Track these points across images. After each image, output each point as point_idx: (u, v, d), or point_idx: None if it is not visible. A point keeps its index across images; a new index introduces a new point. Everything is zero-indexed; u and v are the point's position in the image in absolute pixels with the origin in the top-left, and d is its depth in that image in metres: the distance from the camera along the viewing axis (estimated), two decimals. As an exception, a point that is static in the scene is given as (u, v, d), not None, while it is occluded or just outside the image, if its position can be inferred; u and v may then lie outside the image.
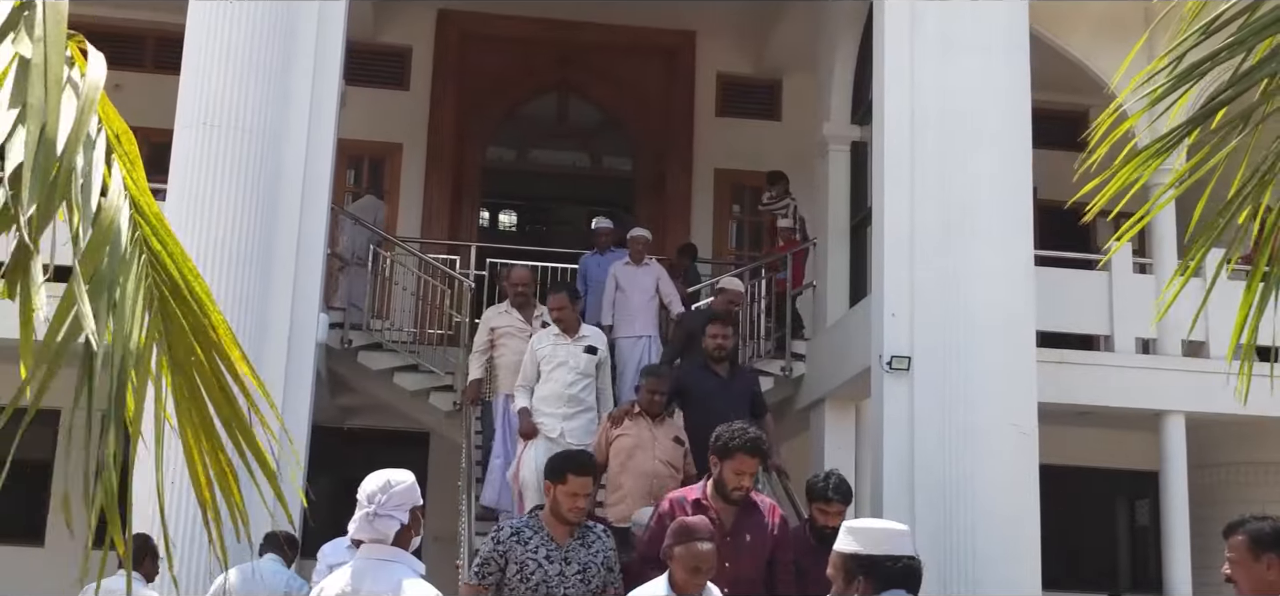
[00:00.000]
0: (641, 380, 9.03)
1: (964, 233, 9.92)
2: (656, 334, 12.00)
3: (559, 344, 9.33)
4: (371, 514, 4.26)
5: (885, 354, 10.01)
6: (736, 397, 9.02)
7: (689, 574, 5.09)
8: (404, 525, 4.24)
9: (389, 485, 4.30)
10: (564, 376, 9.23)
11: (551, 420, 9.15)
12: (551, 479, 6.18)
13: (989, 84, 10.17)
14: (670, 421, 8.87)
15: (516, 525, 6.26)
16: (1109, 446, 14.56)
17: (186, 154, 9.43)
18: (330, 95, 10.08)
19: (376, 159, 15.99)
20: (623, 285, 12.06)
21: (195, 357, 2.36)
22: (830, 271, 13.36)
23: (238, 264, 9.27)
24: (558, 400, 9.20)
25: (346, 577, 4.23)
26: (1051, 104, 13.55)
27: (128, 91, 15.06)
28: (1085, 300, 12.34)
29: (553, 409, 9.19)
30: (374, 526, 4.25)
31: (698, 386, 9.14)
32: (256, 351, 9.25)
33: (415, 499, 4.32)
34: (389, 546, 4.22)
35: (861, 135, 13.14)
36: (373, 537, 4.26)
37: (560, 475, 6.14)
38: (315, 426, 9.92)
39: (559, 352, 9.30)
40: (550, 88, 16.81)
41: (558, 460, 6.33)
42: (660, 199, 16.37)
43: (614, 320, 11.90)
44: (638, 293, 12.02)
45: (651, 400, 8.72)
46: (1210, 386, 11.48)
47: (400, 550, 4.25)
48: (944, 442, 9.64)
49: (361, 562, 4.28)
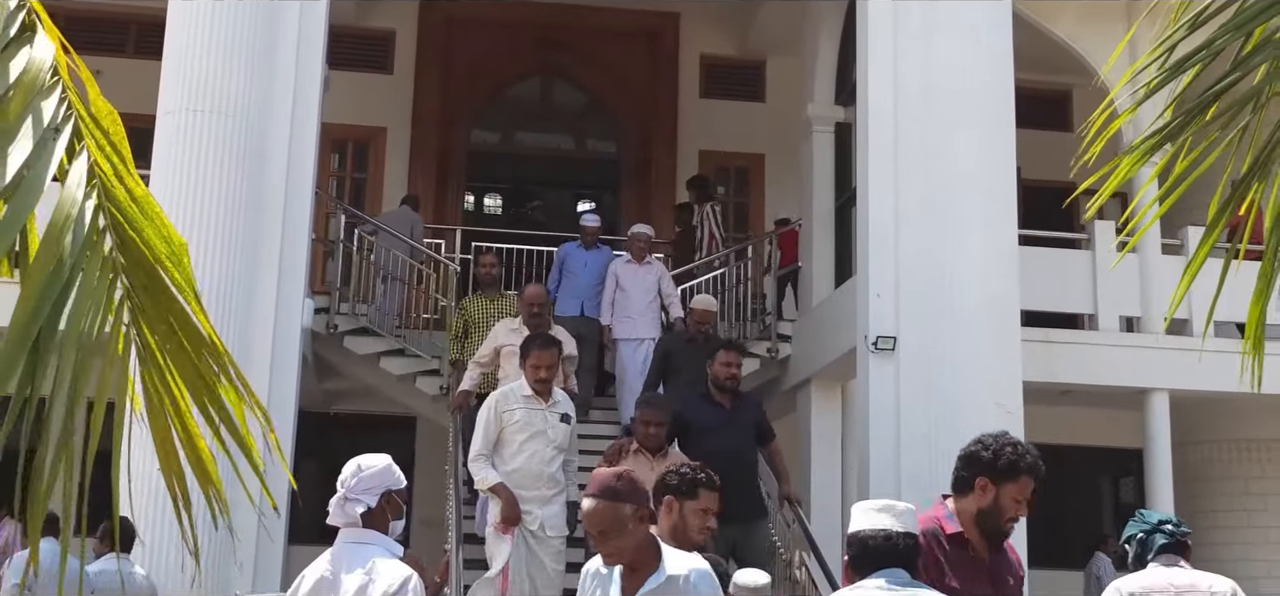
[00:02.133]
0: (636, 413, 8.19)
1: (948, 213, 9.94)
2: (657, 337, 11.60)
3: (533, 410, 7.73)
4: (341, 498, 4.38)
5: (870, 334, 10.03)
6: (741, 430, 8.61)
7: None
8: (372, 508, 4.34)
9: (359, 469, 4.42)
10: (542, 451, 7.70)
11: (531, 506, 7.63)
12: (678, 495, 5.07)
13: (973, 65, 10.19)
14: (672, 454, 7.88)
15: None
16: (1094, 424, 14.63)
17: (170, 139, 9.40)
18: (314, 80, 10.05)
19: (361, 143, 15.96)
20: (623, 284, 11.66)
21: (170, 346, 2.34)
22: (815, 253, 13.38)
23: (222, 249, 9.25)
24: (536, 480, 7.67)
25: (326, 562, 4.34)
26: (1035, 84, 13.58)
27: (110, 77, 14.99)
28: (1069, 279, 12.38)
29: (530, 490, 7.64)
30: (344, 509, 4.37)
31: (698, 418, 8.51)
32: (242, 336, 9.25)
33: (389, 482, 4.41)
34: (365, 529, 4.35)
35: (846, 116, 13.14)
36: (345, 521, 4.37)
37: (691, 491, 5.10)
38: (301, 411, 9.91)
39: (534, 419, 7.72)
40: (534, 71, 16.80)
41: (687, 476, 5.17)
42: (645, 181, 16.37)
43: (613, 320, 11.60)
44: (639, 292, 11.66)
45: (648, 434, 7.92)
46: (1194, 364, 11.52)
47: (377, 532, 4.37)
48: (929, 422, 9.68)
49: (339, 546, 4.39)
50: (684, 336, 10.66)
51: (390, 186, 15.87)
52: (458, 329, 11.07)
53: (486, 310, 10.92)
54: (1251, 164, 3.73)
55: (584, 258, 12.08)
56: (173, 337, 2.36)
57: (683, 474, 5.11)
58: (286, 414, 9.49)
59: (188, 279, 2.39)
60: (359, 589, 4.24)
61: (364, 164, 15.92)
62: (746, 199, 16.66)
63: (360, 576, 4.25)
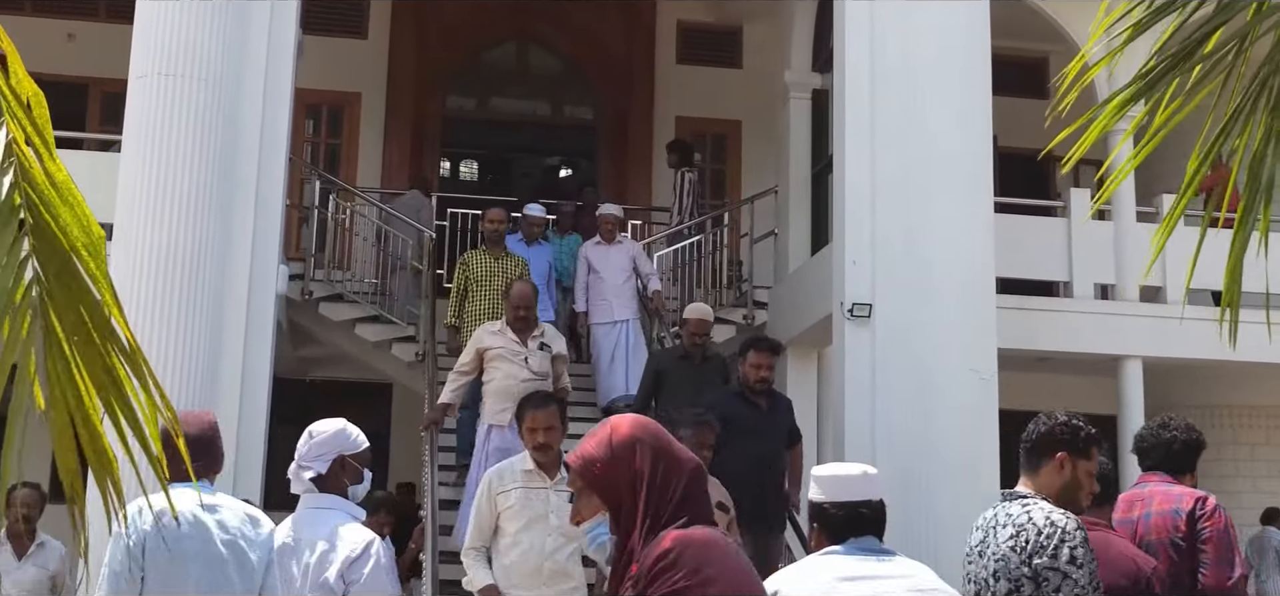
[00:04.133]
0: (689, 431, 6.37)
1: (925, 180, 9.95)
2: (636, 317, 11.48)
3: (533, 490, 6.25)
4: (295, 466, 4.46)
5: (846, 301, 10.04)
6: (777, 433, 8.32)
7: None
8: (323, 473, 4.38)
9: (310, 435, 4.48)
10: (543, 542, 6.22)
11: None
12: None
13: (950, 32, 10.18)
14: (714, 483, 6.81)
15: None
16: (1068, 391, 14.68)
17: (142, 104, 9.31)
18: (287, 44, 9.96)
19: (335, 108, 15.85)
20: (595, 267, 11.46)
21: (77, 338, 2.27)
22: (792, 219, 13.39)
23: (196, 214, 9.18)
24: (534, 576, 6.22)
25: (288, 528, 4.40)
26: (1011, 51, 13.59)
27: (82, 41, 14.91)
28: (1045, 246, 12.44)
29: (529, 590, 6.22)
30: (299, 476, 4.45)
31: (738, 418, 7.86)
32: (216, 303, 9.21)
33: (342, 446, 4.44)
34: (326, 494, 4.41)
35: (823, 83, 13.13)
36: (299, 488, 4.47)
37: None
38: (277, 378, 9.87)
39: (534, 503, 6.25)
40: (510, 36, 16.70)
41: None
42: (622, 147, 16.32)
43: (588, 305, 11.43)
44: (613, 273, 11.41)
45: (705, 458, 6.26)
46: (1168, 331, 11.61)
47: (338, 497, 4.45)
48: (905, 388, 9.71)
49: (300, 512, 4.47)
50: (677, 352, 9.85)
51: (365, 152, 15.78)
52: (459, 284, 10.62)
53: (490, 268, 10.57)
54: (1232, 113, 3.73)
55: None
56: (81, 329, 2.28)
57: None
58: (261, 381, 9.45)
59: (104, 271, 2.32)
60: (321, 554, 4.28)
61: (338, 129, 15.82)
62: (723, 165, 16.63)
63: (322, 542, 4.29)
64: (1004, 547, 4.02)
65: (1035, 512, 4.02)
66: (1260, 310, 4.49)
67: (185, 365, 8.97)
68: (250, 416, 9.23)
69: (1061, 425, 4.19)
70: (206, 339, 9.15)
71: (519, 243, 11.47)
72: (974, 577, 4.16)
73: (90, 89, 14.95)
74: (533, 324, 9.01)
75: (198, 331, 9.09)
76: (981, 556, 4.14)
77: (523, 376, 8.56)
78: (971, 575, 4.18)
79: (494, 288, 10.34)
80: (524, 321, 8.92)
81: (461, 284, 10.60)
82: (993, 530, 4.14)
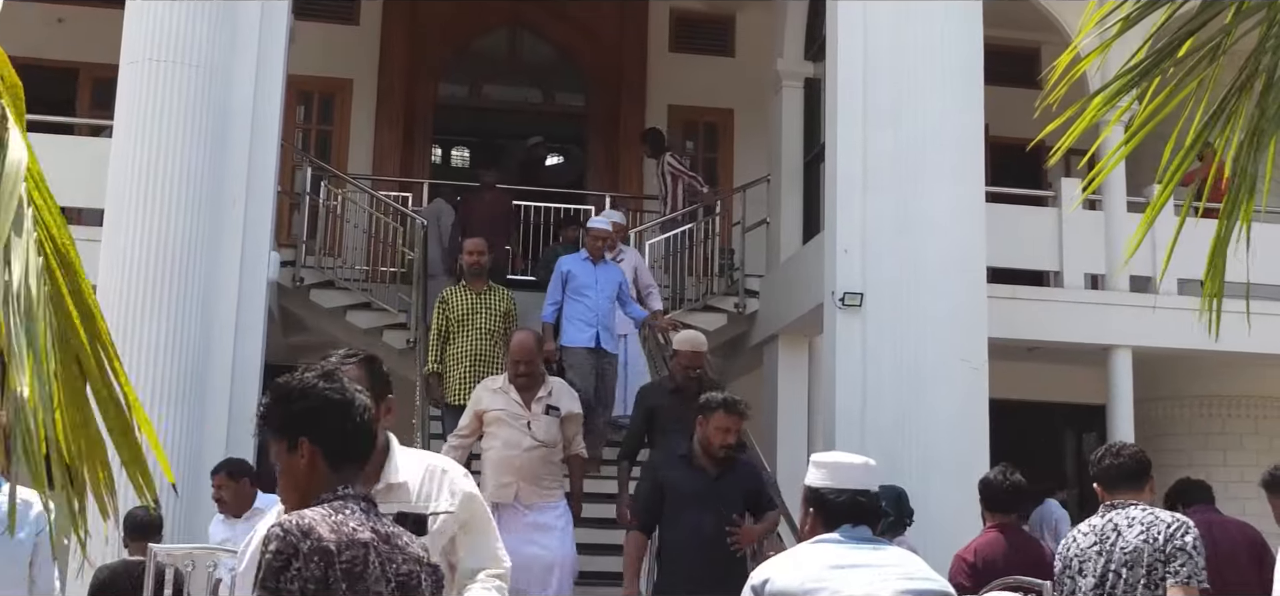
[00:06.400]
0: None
1: (916, 169, 9.95)
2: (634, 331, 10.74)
3: None
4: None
5: (838, 290, 10.06)
6: (725, 503, 6.84)
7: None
8: None
9: None
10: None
11: None
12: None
13: (942, 21, 10.17)
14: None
15: None
16: (1058, 381, 14.74)
17: (133, 90, 9.29)
18: (279, 30, 9.94)
19: (326, 95, 15.82)
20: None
21: (69, 322, 2.27)
22: (784, 208, 13.40)
23: (187, 201, 9.17)
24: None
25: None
26: (1003, 40, 13.59)
27: (72, 25, 14.84)
28: (1035, 236, 12.46)
29: None
30: None
31: (675, 482, 6.87)
32: (207, 290, 9.20)
33: None
34: None
35: (815, 72, 13.14)
36: None
37: None
38: (267, 365, 9.86)
39: None
40: (502, 23, 16.67)
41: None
42: (613, 135, 16.31)
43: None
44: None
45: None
46: (1157, 321, 11.65)
47: None
48: (896, 378, 9.73)
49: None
50: (669, 385, 8.49)
51: (356, 139, 15.75)
52: (438, 325, 9.55)
53: (472, 305, 9.56)
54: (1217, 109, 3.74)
55: (594, 273, 10.15)
56: (68, 318, 2.27)
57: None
58: (253, 367, 9.45)
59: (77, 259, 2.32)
60: None
61: (330, 116, 15.80)
62: (715, 154, 16.63)
63: None
64: (1135, 542, 4.95)
65: (1158, 514, 5.02)
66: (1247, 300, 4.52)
67: (176, 352, 8.97)
68: (241, 403, 9.21)
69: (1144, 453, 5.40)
70: (198, 325, 9.15)
71: (584, 262, 10.14)
72: (1092, 571, 5.05)
73: (80, 74, 14.89)
74: (539, 381, 7.74)
75: (189, 318, 9.08)
76: (1102, 555, 5.03)
77: (525, 445, 7.47)
78: (1087, 570, 5.07)
79: (477, 327, 9.48)
80: (527, 378, 7.64)
81: (441, 325, 9.54)
82: (1113, 533, 5.04)
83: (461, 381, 9.27)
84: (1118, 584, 4.92)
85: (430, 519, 3.51)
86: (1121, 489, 5.18)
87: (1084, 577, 5.04)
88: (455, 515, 3.57)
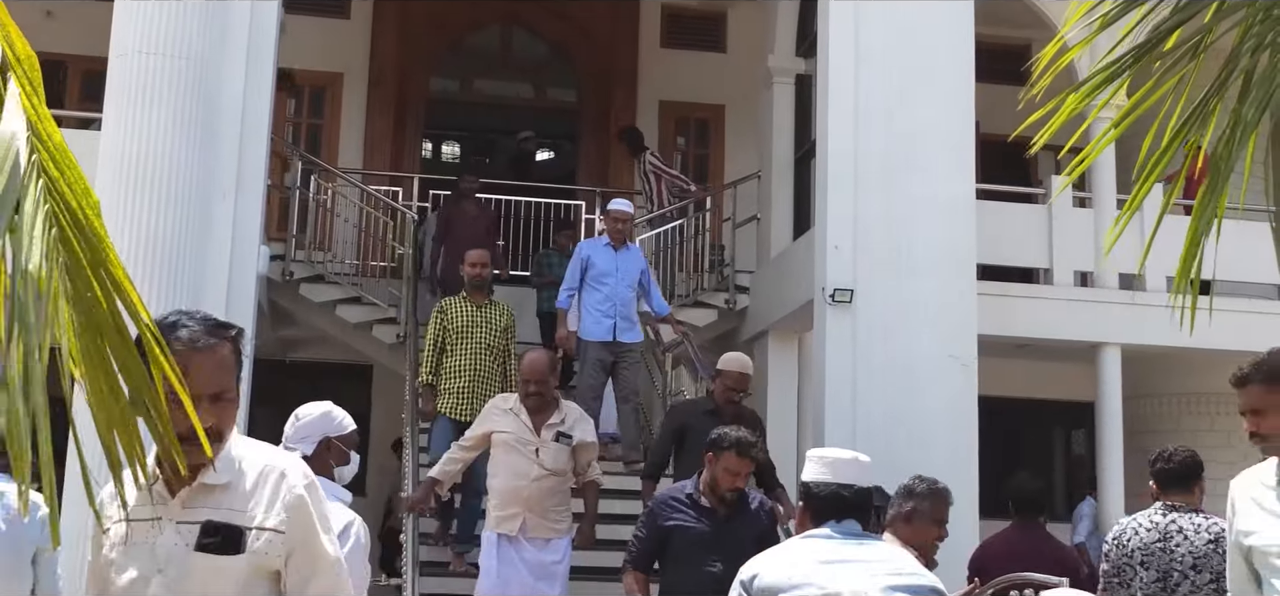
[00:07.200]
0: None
1: (907, 166, 9.97)
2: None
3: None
4: (282, 447, 4.43)
5: (828, 286, 10.06)
6: (738, 546, 5.72)
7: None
8: (309, 455, 4.42)
9: (296, 418, 4.53)
10: None
11: None
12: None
13: (933, 18, 10.19)
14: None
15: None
16: (1047, 378, 14.78)
17: (122, 83, 9.26)
18: (269, 23, 9.91)
19: (317, 89, 15.79)
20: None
21: (91, 294, 2.25)
22: (774, 204, 13.41)
23: (177, 195, 9.14)
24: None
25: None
26: (994, 37, 13.61)
27: (61, 18, 14.81)
28: (1025, 233, 12.50)
29: None
30: None
31: (679, 525, 6.37)
32: (196, 283, 9.17)
33: (327, 428, 4.47)
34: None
35: (806, 68, 13.14)
36: None
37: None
38: (257, 359, 9.84)
39: None
40: (494, 19, 16.64)
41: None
42: (605, 131, 16.29)
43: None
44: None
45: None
46: (1145, 319, 11.69)
47: (323, 479, 4.42)
48: (886, 374, 9.74)
49: None
50: (705, 406, 8.26)
51: (346, 133, 15.72)
52: (435, 336, 9.36)
53: (471, 317, 9.38)
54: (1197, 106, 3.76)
55: (615, 259, 9.90)
56: (92, 288, 2.26)
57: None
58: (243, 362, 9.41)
59: (104, 232, 2.30)
60: None
61: (320, 110, 15.76)
62: (706, 150, 16.63)
63: None
64: (1205, 547, 5.30)
65: (1217, 522, 5.23)
66: (1235, 297, 4.53)
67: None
68: (230, 396, 9.18)
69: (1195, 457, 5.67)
70: (187, 319, 9.11)
71: (606, 247, 9.89)
72: (1155, 566, 5.36)
73: (69, 67, 14.85)
74: (551, 405, 7.41)
75: (178, 311, 9.05)
76: (1166, 553, 5.36)
77: (532, 474, 7.23)
78: (1150, 564, 5.38)
79: (475, 341, 9.29)
80: (537, 400, 7.32)
81: (438, 336, 9.36)
82: (1177, 534, 5.38)
83: (460, 396, 9.17)
84: (1183, 583, 5.31)
85: (251, 534, 2.77)
86: (1172, 491, 5.57)
87: (1146, 570, 5.40)
88: (285, 536, 2.80)
